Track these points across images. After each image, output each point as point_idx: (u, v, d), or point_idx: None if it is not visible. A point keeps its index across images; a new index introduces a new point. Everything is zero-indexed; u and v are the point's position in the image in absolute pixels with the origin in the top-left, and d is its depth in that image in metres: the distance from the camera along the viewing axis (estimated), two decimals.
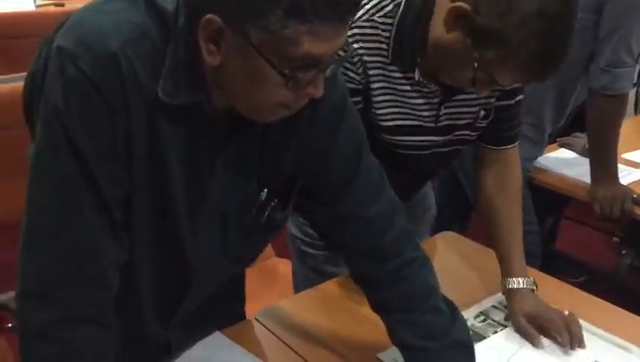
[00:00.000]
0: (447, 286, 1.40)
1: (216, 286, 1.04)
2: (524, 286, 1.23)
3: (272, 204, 0.93)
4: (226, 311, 1.23)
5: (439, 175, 1.89)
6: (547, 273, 1.45)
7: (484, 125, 1.26)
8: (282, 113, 0.81)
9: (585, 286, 1.41)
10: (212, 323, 1.20)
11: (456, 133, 1.24)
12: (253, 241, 0.98)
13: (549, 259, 2.28)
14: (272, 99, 0.77)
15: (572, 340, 1.17)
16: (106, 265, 0.82)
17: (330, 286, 1.39)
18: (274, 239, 1.04)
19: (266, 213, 0.93)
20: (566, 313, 1.20)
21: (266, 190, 0.92)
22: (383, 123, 1.19)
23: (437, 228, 1.72)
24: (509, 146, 1.32)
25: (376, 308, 1.04)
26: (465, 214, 2.22)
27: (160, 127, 0.79)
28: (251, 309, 1.30)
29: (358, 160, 0.95)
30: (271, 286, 2.05)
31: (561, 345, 1.16)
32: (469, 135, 1.27)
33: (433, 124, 1.21)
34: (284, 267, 2.09)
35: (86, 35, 0.75)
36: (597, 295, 1.35)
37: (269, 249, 2.21)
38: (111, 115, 0.76)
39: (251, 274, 2.07)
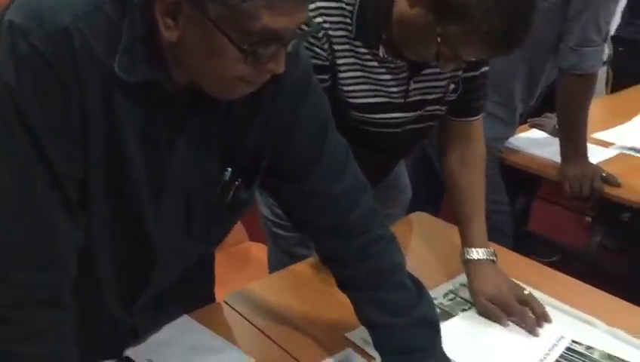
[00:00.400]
0: (418, 266, 1.41)
1: (182, 269, 1.02)
2: (484, 258, 1.23)
3: (237, 183, 0.92)
4: (194, 295, 1.22)
5: (412, 154, 1.89)
6: (520, 253, 1.46)
7: (453, 98, 1.26)
8: (243, 89, 0.80)
9: (556, 266, 1.42)
10: (180, 307, 1.18)
11: (427, 108, 1.24)
12: (218, 221, 0.97)
13: (521, 239, 2.31)
14: (232, 73, 0.76)
15: (537, 319, 1.17)
16: (64, 245, 0.81)
17: (300, 268, 1.39)
18: (240, 218, 1.03)
19: (231, 193, 0.92)
20: (526, 292, 1.21)
21: (230, 169, 0.91)
22: (351, 100, 1.18)
23: (410, 210, 1.72)
24: (473, 119, 1.31)
25: (342, 286, 1.04)
26: (438, 195, 2.22)
27: (116, 103, 0.77)
28: (223, 293, 1.29)
29: (323, 137, 0.94)
30: (244, 270, 2.05)
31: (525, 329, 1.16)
32: (440, 110, 1.26)
33: (402, 100, 1.20)
34: (258, 250, 2.08)
35: (37, 9, 0.74)
36: (569, 274, 1.36)
37: (242, 233, 2.20)
38: (63, 89, 0.74)
39: (224, 258, 2.07)
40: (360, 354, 1.10)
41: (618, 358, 1.08)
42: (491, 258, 1.25)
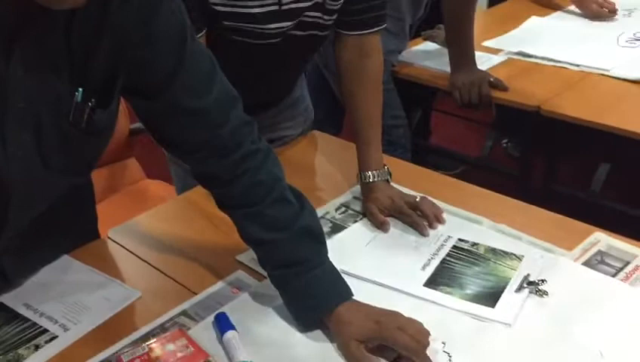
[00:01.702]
0: (312, 183, 1.40)
1: (46, 203, 0.95)
2: (378, 180, 1.24)
3: (90, 104, 0.84)
4: (73, 233, 1.16)
5: (304, 70, 1.84)
6: (427, 167, 1.47)
7: (336, 7, 1.20)
8: None
9: (459, 177, 1.43)
10: (58, 247, 1.12)
11: (305, 15, 1.18)
12: (76, 149, 0.89)
13: (425, 154, 2.34)
14: None
15: (428, 221, 1.19)
16: None
17: (187, 196, 1.34)
18: (104, 145, 0.95)
19: (85, 116, 0.85)
20: (418, 198, 1.22)
21: (81, 89, 0.83)
22: (220, 9, 1.11)
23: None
24: (366, 32, 1.26)
25: (222, 206, 1.00)
26: (338, 115, 2.20)
27: None
28: None
29: (182, 47, 0.88)
30: (143, 208, 1.97)
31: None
32: (322, 18, 1.20)
33: (277, 7, 1.13)
34: (156, 188, 2.02)
35: None
36: (469, 182, 1.37)
37: (139, 171, 2.12)
38: None
39: (122, 198, 2.01)
40: (251, 276, 1.08)
41: (501, 251, 1.11)
42: (386, 178, 1.25)
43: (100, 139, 0.92)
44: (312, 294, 0.94)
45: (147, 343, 0.91)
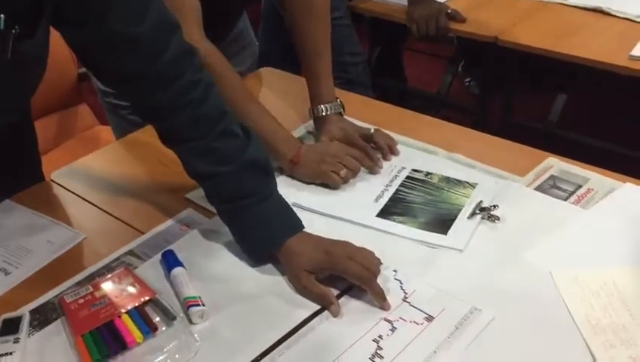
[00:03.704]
0: None
1: None
2: (331, 112, 1.21)
3: (14, 31, 0.78)
4: (14, 177, 1.11)
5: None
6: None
7: None
8: None
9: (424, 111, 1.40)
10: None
11: None
12: (6, 83, 0.84)
13: (385, 92, 2.30)
14: None
15: (382, 153, 1.17)
16: None
17: (134, 137, 1.29)
18: (36, 79, 0.90)
19: (9, 45, 0.79)
20: (372, 130, 1.19)
21: (2, 15, 0.77)
22: None
23: None
24: None
25: (166, 141, 0.96)
26: (292, 56, 2.14)
27: None
28: None
29: None
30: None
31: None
32: None
33: None
34: (108, 134, 1.95)
35: None
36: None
37: (91, 117, 2.05)
38: None
39: (74, 144, 1.95)
40: (201, 213, 1.05)
41: (455, 179, 1.10)
42: (339, 111, 1.23)
43: (30, 71, 0.86)
44: (261, 227, 0.92)
45: (92, 283, 0.89)
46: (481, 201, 1.03)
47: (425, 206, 1.04)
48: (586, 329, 0.80)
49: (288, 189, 1.05)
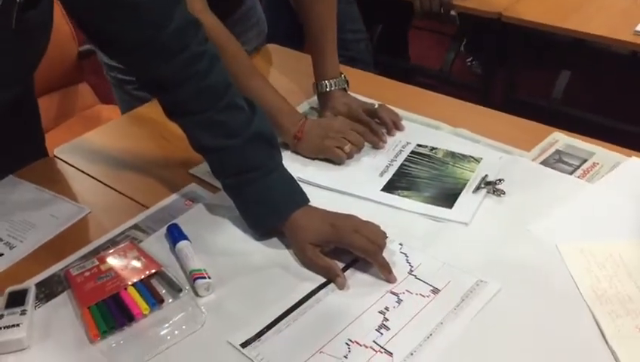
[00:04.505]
0: None
1: None
2: (335, 88, 1.21)
3: (18, 0, 0.78)
4: (18, 153, 1.11)
5: None
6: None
7: None
8: None
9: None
10: (1, 167, 1.07)
11: None
12: (10, 54, 0.83)
13: (388, 69, 2.29)
14: None
15: (387, 128, 1.16)
16: None
17: (138, 112, 1.29)
18: (41, 50, 0.89)
19: (14, 14, 0.78)
20: (376, 105, 1.19)
21: None
22: None
23: None
24: None
25: (171, 115, 0.95)
26: (298, 34, 2.13)
27: None
28: None
29: None
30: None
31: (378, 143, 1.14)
32: None
33: None
34: (109, 112, 1.95)
35: None
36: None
37: (91, 96, 2.05)
38: None
39: (76, 122, 1.94)
40: (205, 188, 1.05)
41: (460, 154, 1.09)
42: (343, 86, 1.22)
43: (36, 41, 0.86)
44: (267, 200, 0.92)
45: (97, 256, 0.89)
46: (486, 175, 1.03)
47: (430, 180, 1.04)
48: (592, 300, 0.80)
49: (293, 164, 1.05)
